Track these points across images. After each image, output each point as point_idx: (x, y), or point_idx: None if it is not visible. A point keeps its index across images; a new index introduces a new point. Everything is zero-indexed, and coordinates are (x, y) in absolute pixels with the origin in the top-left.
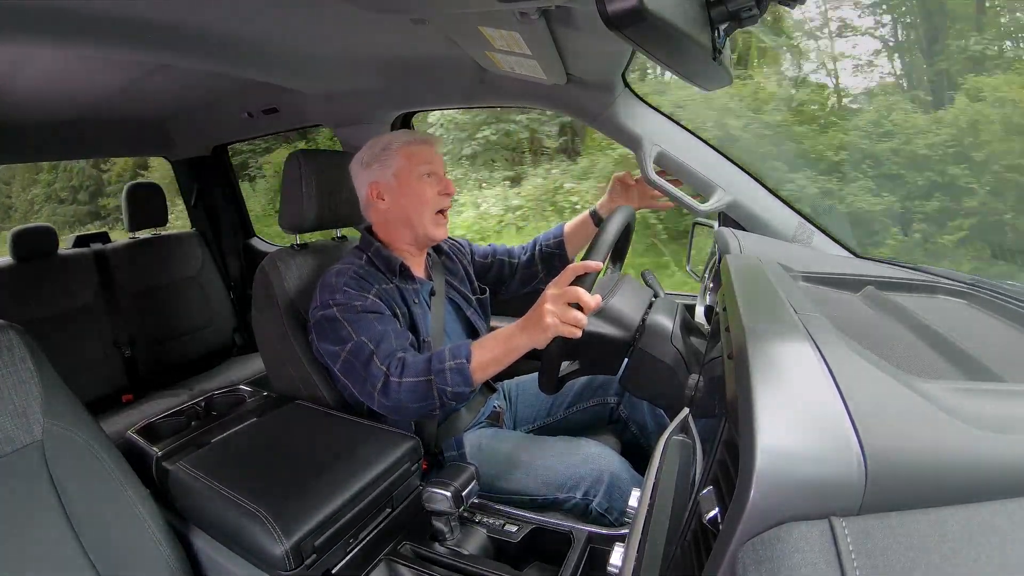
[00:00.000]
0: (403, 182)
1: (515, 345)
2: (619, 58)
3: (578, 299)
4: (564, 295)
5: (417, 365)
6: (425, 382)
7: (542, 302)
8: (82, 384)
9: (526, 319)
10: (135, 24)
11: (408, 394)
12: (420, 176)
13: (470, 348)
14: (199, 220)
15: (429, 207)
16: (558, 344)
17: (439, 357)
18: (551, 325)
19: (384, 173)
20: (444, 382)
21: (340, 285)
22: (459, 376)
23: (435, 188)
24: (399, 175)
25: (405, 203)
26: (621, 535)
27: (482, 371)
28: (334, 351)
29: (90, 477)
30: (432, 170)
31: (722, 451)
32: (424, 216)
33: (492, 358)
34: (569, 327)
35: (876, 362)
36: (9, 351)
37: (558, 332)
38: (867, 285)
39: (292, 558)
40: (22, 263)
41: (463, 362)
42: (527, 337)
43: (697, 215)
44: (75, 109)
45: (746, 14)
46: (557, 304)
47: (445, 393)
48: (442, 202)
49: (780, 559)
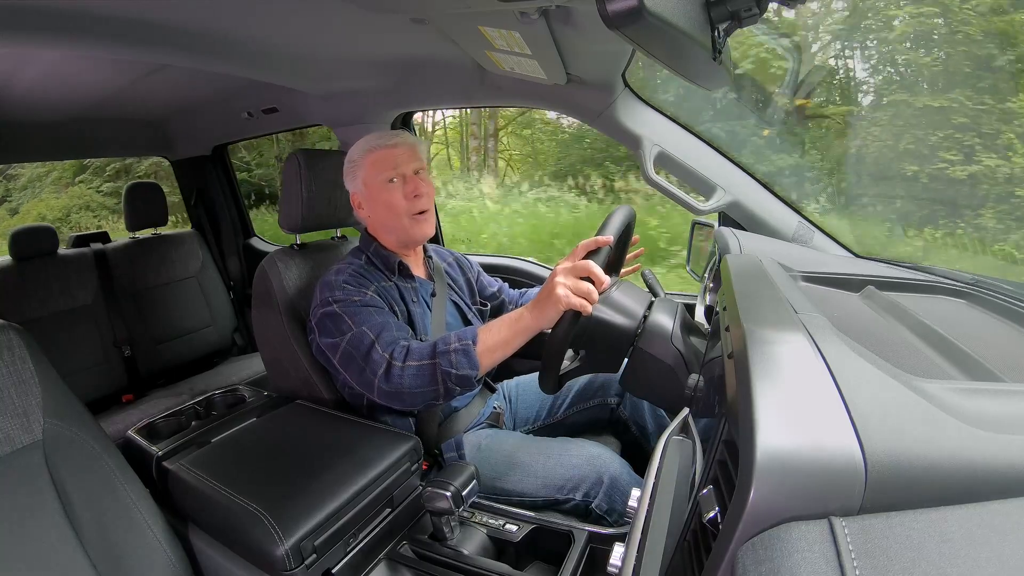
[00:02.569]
0: (371, 191)
1: (523, 326)
2: (619, 58)
3: (589, 272)
4: (575, 268)
5: (422, 350)
6: (429, 365)
7: (553, 276)
8: (82, 384)
9: (536, 298)
10: (135, 24)
11: (411, 379)
12: (384, 183)
13: (476, 331)
14: (199, 220)
15: (400, 213)
16: (566, 325)
17: (444, 340)
18: (562, 297)
19: (356, 184)
20: (449, 364)
21: (340, 283)
22: (464, 358)
23: (402, 192)
24: (367, 184)
25: (379, 210)
26: (621, 535)
27: (489, 355)
28: (333, 342)
29: (90, 477)
30: (398, 173)
31: (722, 451)
32: (400, 221)
33: (499, 340)
34: (580, 300)
35: (876, 362)
36: (9, 351)
37: (570, 305)
38: (867, 285)
39: (292, 558)
40: (22, 263)
41: (469, 344)
42: (536, 315)
43: (697, 215)
44: (75, 109)
45: (746, 14)
46: (569, 277)
47: (450, 376)
48: (414, 205)
49: (780, 559)
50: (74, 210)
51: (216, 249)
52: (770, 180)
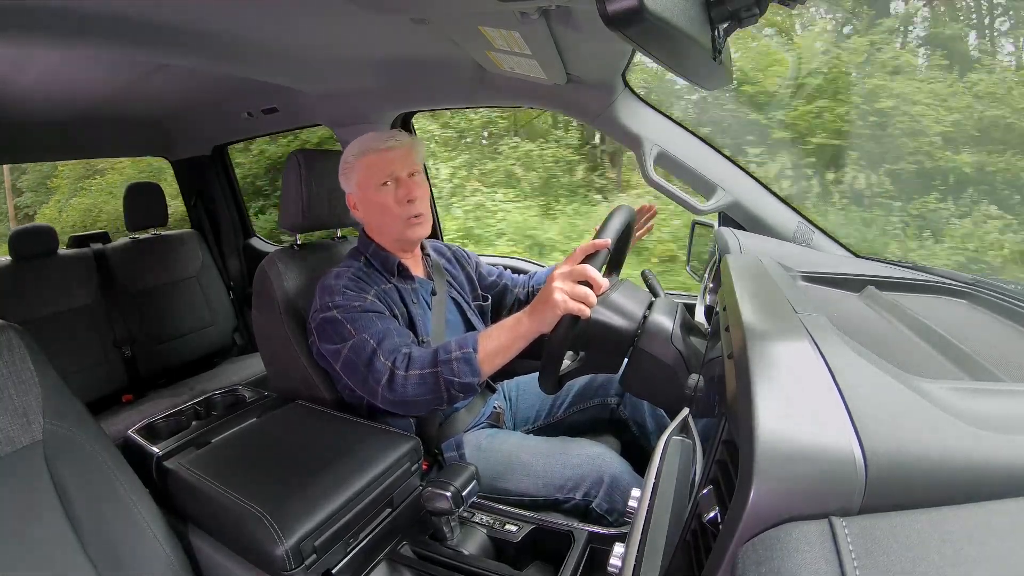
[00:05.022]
0: (365, 194)
1: (522, 331)
2: (619, 58)
3: (586, 276)
4: (572, 273)
5: (423, 358)
6: (432, 374)
7: (550, 281)
8: (82, 384)
9: (534, 302)
10: (135, 24)
11: (415, 388)
12: (378, 187)
13: (476, 338)
14: (199, 220)
15: (395, 216)
16: (564, 328)
17: (445, 348)
18: (560, 302)
19: (350, 185)
20: (451, 373)
21: (339, 287)
22: (466, 366)
23: (396, 195)
24: (361, 187)
25: (373, 213)
26: (621, 535)
27: (489, 361)
28: (335, 349)
29: (90, 477)
30: (392, 176)
31: (722, 451)
32: (395, 224)
33: (499, 346)
34: (578, 304)
35: (876, 362)
36: (9, 351)
37: (567, 309)
38: (867, 285)
39: (292, 558)
40: (22, 263)
41: (470, 351)
42: (535, 319)
43: (697, 215)
44: (75, 109)
45: (746, 14)
46: (566, 281)
47: (452, 384)
48: (408, 209)
49: (780, 559)
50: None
51: (216, 249)
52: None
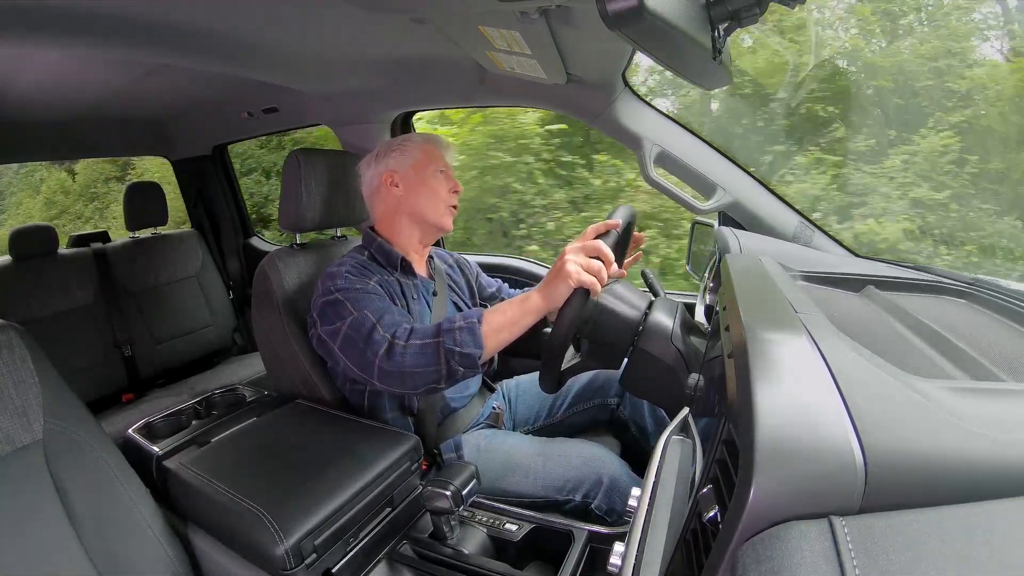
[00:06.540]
0: (420, 173)
1: (531, 306)
2: (619, 58)
3: (599, 252)
4: (585, 248)
5: (425, 330)
6: (433, 343)
7: (563, 255)
8: (82, 384)
9: (546, 278)
10: (135, 24)
11: (413, 357)
12: (435, 172)
13: (482, 311)
14: (199, 220)
15: (440, 200)
16: (573, 308)
17: (449, 319)
18: (572, 273)
19: (403, 162)
20: (453, 342)
21: (342, 272)
22: (469, 336)
23: (447, 186)
24: (417, 167)
25: (419, 193)
26: (622, 534)
27: (494, 336)
28: (334, 328)
29: (90, 476)
30: (445, 169)
31: (722, 450)
32: (437, 208)
33: (505, 320)
34: (591, 277)
35: (876, 361)
36: (9, 351)
37: (580, 282)
38: (867, 285)
39: (292, 557)
40: (22, 262)
41: (474, 322)
42: (545, 293)
43: (697, 215)
44: (75, 109)
45: (746, 14)
46: (579, 255)
47: (453, 355)
48: (452, 199)
49: (780, 558)
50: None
51: (216, 249)
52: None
